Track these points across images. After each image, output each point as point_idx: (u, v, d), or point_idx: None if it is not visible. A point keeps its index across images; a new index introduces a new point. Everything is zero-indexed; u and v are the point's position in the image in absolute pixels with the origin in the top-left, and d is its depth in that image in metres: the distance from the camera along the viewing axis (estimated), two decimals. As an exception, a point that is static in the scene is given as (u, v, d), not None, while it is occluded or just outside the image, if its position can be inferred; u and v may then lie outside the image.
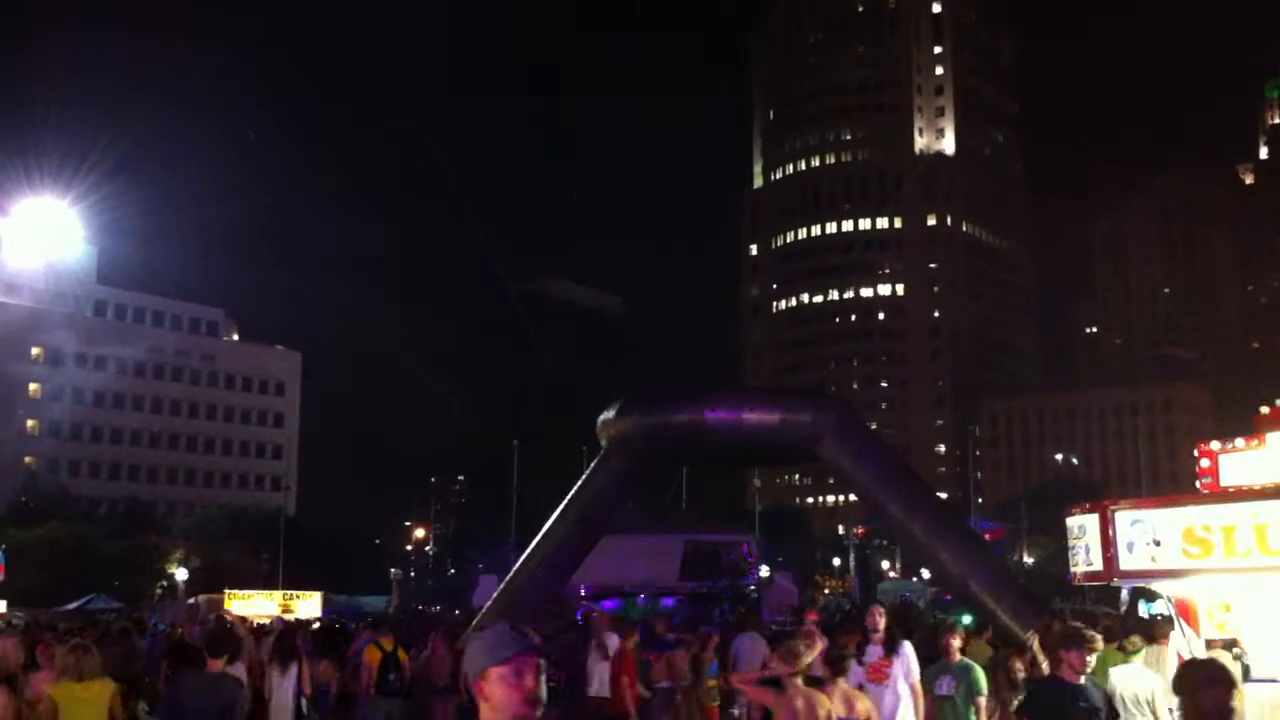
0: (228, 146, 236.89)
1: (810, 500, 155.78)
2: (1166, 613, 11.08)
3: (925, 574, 63.80)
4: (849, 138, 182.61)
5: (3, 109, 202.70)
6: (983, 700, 11.09)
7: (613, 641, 17.58)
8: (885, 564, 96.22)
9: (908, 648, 11.68)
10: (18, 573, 54.71)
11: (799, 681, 8.40)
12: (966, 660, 11.48)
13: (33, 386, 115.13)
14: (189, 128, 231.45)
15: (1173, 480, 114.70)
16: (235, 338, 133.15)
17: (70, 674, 10.67)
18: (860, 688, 10.52)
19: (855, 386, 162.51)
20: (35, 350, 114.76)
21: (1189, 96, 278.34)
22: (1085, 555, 9.17)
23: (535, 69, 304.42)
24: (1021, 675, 12.16)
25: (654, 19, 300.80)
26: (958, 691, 10.96)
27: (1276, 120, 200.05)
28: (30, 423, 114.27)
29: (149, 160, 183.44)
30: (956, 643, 11.43)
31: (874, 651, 11.54)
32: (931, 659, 11.75)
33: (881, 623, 11.81)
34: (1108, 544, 8.68)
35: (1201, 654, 8.77)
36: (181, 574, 74.00)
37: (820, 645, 9.10)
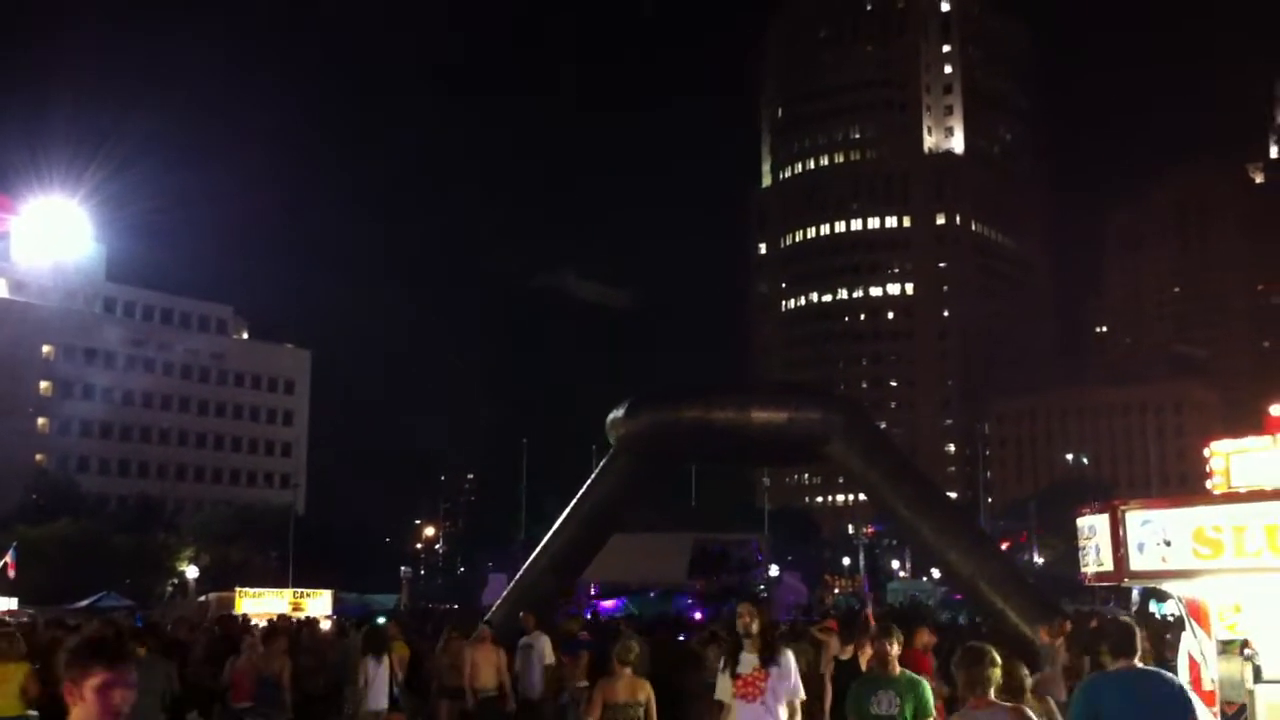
0: (237, 144, 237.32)
1: (819, 500, 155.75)
2: (1177, 613, 11.06)
3: (935, 574, 63.76)
4: (857, 136, 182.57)
5: (11, 108, 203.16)
6: None
7: (543, 644, 17.52)
8: (895, 563, 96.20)
9: (789, 659, 9.78)
10: (29, 570, 54.84)
11: (628, 671, 10.34)
12: (910, 674, 9.27)
13: (43, 384, 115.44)
14: (198, 125, 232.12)
15: (1183, 480, 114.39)
16: (245, 335, 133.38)
17: None
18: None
19: (864, 386, 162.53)
20: (45, 348, 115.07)
21: (1200, 95, 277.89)
22: (1095, 555, 9.15)
23: (545, 68, 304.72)
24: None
25: (663, 17, 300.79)
26: (902, 712, 8.83)
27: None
28: (40, 420, 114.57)
29: (158, 158, 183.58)
30: (896, 650, 9.31)
31: (747, 661, 9.55)
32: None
33: (754, 625, 9.62)
34: (1118, 544, 8.66)
35: (1213, 655, 8.75)
36: (192, 572, 74.20)
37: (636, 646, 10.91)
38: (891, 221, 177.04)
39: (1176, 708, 7.32)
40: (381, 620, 21.83)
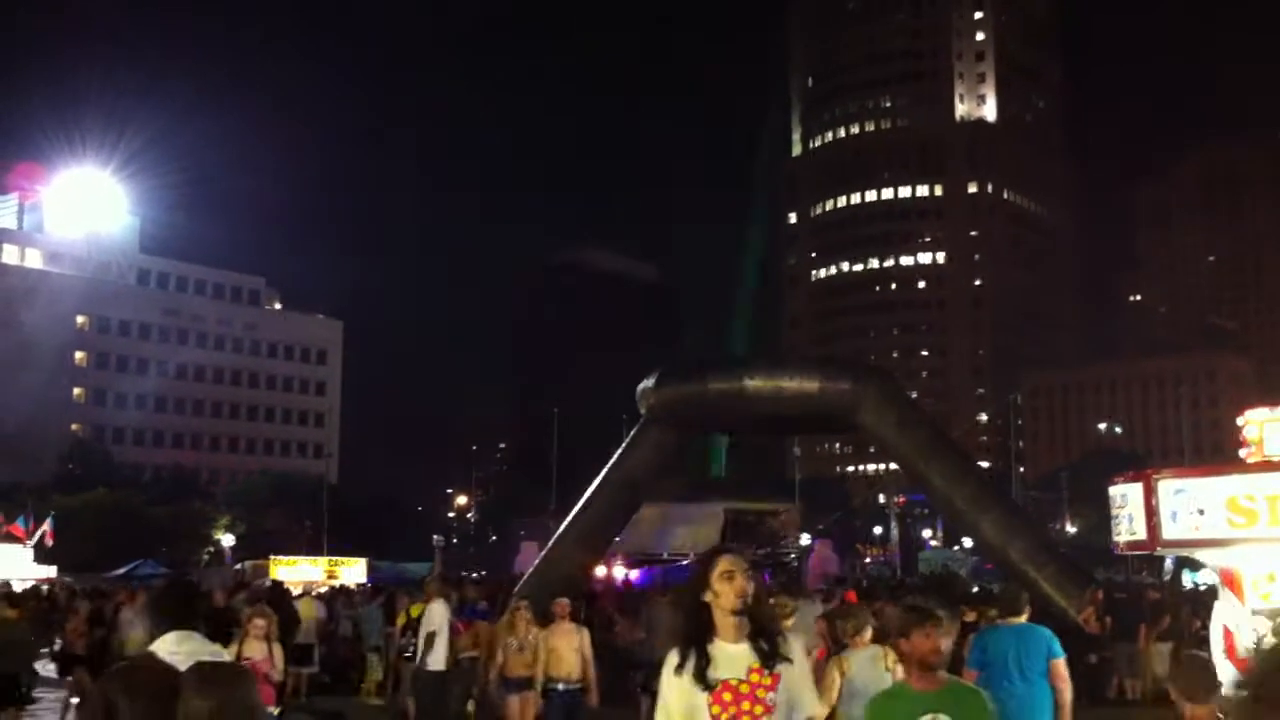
0: (269, 116, 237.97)
1: (850, 469, 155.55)
2: (1211, 582, 11.06)
3: (967, 543, 63.65)
4: (889, 105, 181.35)
5: (46, 78, 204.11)
6: None
7: (442, 610, 15.52)
8: (926, 533, 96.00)
9: (801, 649, 5.54)
10: (65, 539, 55.50)
11: None
12: (960, 682, 6.12)
13: (78, 355, 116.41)
14: (230, 97, 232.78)
15: (1216, 450, 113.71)
16: (277, 306, 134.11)
17: None
18: None
19: (895, 356, 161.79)
20: (79, 320, 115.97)
21: (1236, 62, 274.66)
22: (1128, 525, 9.14)
23: (575, 38, 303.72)
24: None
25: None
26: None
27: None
28: (75, 391, 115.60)
29: (191, 130, 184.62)
30: (947, 645, 6.00)
31: (732, 657, 5.25)
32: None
33: (749, 592, 5.27)
34: (1151, 513, 8.65)
35: (1247, 623, 8.73)
36: (228, 540, 74.91)
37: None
38: (923, 190, 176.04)
39: (1040, 647, 9.60)
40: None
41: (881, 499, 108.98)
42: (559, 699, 13.27)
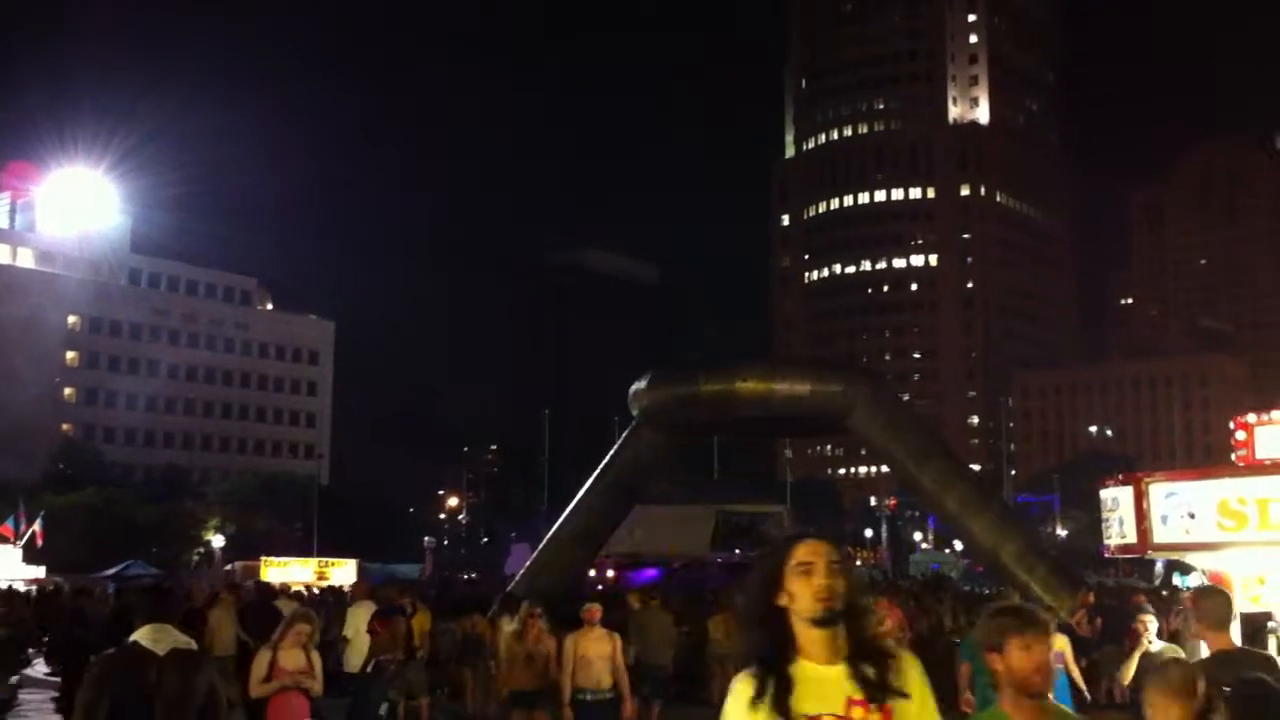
0: (262, 117, 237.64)
1: (841, 471, 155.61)
2: (1201, 585, 11.06)
3: (958, 545, 63.71)
4: (882, 107, 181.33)
5: (38, 78, 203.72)
6: None
7: (358, 614, 15.41)
8: (917, 535, 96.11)
9: (919, 672, 3.94)
10: (55, 539, 55.29)
11: None
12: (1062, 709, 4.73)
13: (69, 355, 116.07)
14: (222, 98, 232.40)
15: (1208, 453, 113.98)
16: (269, 307, 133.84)
17: None
18: None
19: (887, 358, 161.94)
20: (71, 319, 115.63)
21: (1229, 65, 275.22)
22: (1119, 528, 9.14)
23: (575, 38, 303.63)
24: None
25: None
26: None
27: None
28: (66, 390, 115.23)
29: (183, 130, 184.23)
30: (1044, 656, 4.44)
31: (823, 687, 3.76)
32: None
33: (840, 590, 3.85)
34: (1141, 516, 8.65)
35: (1236, 629, 8.73)
36: (218, 541, 74.73)
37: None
38: (915, 193, 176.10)
39: None
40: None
41: (873, 501, 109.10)
42: (588, 709, 12.19)
